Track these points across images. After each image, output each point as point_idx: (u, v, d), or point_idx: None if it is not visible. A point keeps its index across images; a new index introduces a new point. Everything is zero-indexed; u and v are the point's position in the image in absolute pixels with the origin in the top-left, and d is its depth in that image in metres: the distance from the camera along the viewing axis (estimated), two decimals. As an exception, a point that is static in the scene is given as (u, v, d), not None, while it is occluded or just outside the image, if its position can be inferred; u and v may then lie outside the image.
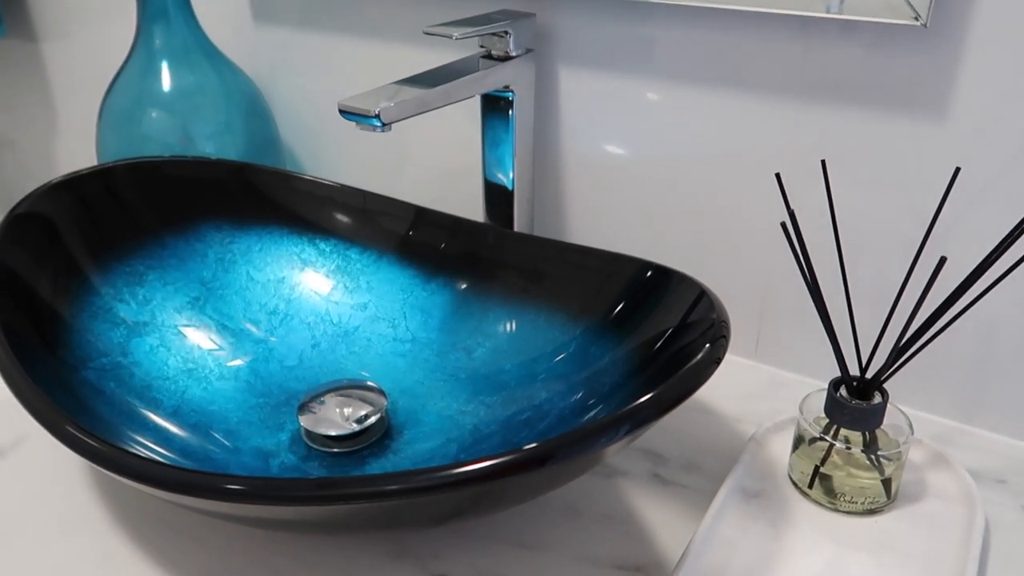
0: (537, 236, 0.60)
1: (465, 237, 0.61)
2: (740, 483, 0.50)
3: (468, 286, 0.61)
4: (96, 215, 0.59)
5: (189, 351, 0.58)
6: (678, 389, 0.37)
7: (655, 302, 0.49)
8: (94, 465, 0.39)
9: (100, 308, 0.56)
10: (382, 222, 0.64)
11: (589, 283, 0.54)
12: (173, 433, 0.50)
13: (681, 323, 0.45)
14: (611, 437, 0.37)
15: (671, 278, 0.48)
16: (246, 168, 0.66)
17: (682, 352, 0.41)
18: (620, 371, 0.47)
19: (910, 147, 0.52)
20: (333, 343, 0.62)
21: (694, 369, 0.38)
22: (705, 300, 0.44)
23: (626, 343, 0.49)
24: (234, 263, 0.64)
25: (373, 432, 0.54)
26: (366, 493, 0.34)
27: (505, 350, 0.57)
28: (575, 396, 0.50)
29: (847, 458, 0.48)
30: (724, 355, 0.39)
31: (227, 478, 0.36)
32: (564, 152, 0.66)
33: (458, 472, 0.35)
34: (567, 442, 0.36)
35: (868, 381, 0.47)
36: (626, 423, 0.37)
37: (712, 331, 0.41)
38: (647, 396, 0.37)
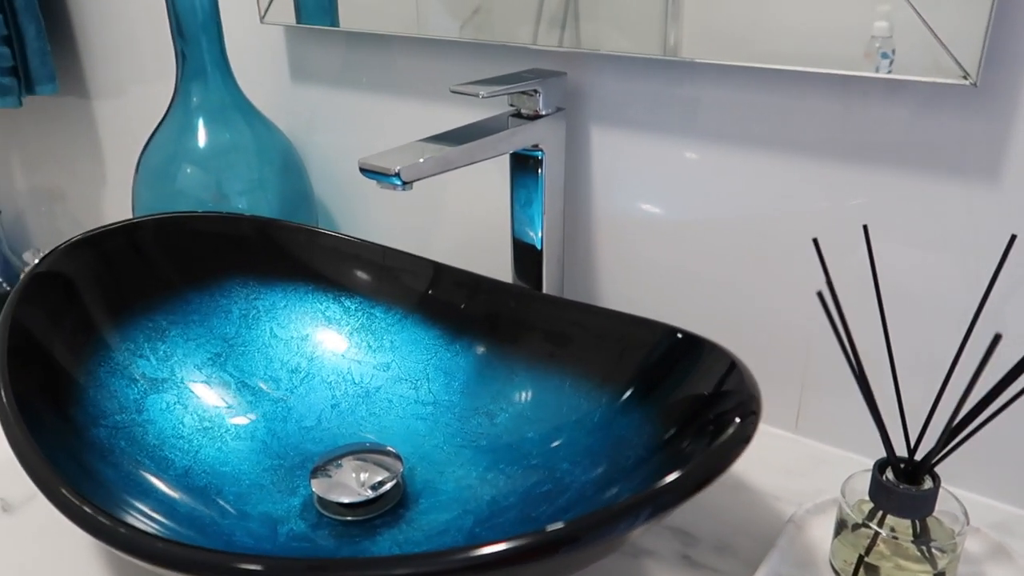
0: (562, 298, 0.58)
1: (489, 297, 0.59)
2: (776, 570, 0.46)
3: (493, 349, 0.59)
4: (118, 271, 0.59)
5: (206, 409, 0.57)
6: (704, 470, 0.34)
7: (683, 372, 0.46)
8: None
9: (119, 364, 0.56)
10: (408, 280, 0.63)
11: (615, 349, 0.52)
12: (179, 499, 0.49)
13: (710, 396, 0.42)
14: (631, 522, 0.34)
15: (701, 347, 0.46)
16: (272, 224, 0.65)
17: (710, 428, 0.38)
18: (645, 444, 0.44)
19: (961, 212, 0.49)
20: (353, 404, 0.60)
21: (722, 449, 0.35)
22: (736, 372, 0.41)
23: (652, 415, 0.46)
24: (258, 319, 0.63)
25: (388, 500, 0.52)
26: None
27: (528, 417, 0.55)
28: (597, 469, 0.47)
29: (895, 548, 0.44)
30: (754, 433, 0.36)
31: (203, 552, 0.34)
32: (595, 212, 0.64)
33: (460, 558, 0.32)
34: (584, 527, 0.33)
35: (917, 464, 0.43)
36: (647, 507, 0.34)
37: (742, 406, 0.38)
38: (671, 478, 0.34)
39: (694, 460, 0.34)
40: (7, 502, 0.55)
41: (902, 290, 0.52)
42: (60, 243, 0.56)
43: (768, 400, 0.61)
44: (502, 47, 0.63)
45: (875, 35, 0.46)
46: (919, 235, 0.51)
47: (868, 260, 0.45)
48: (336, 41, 0.74)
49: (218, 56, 0.71)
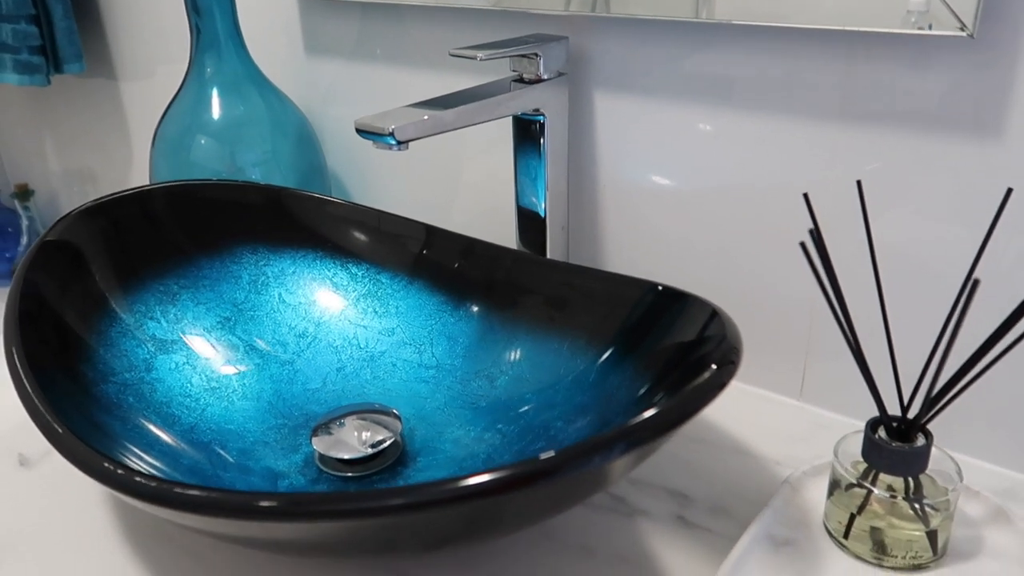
0: (559, 261, 0.58)
1: (490, 263, 0.60)
2: (768, 530, 0.46)
3: (495, 313, 0.59)
4: (129, 237, 0.60)
5: (214, 370, 0.59)
6: (676, 412, 0.34)
7: (668, 325, 0.46)
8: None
9: (129, 325, 0.57)
10: (413, 247, 0.64)
11: (606, 308, 0.52)
12: (183, 451, 0.50)
13: (692, 345, 0.42)
14: (606, 455, 0.34)
15: (685, 300, 0.46)
16: (282, 192, 0.66)
17: (690, 375, 0.38)
18: (632, 397, 0.44)
19: (959, 168, 0.48)
20: (358, 367, 0.61)
21: (696, 391, 0.35)
22: (717, 321, 0.41)
23: (639, 368, 0.46)
24: (267, 285, 0.64)
25: (386, 457, 0.53)
26: (334, 511, 0.33)
27: (527, 379, 0.55)
28: (590, 426, 0.47)
29: (889, 507, 0.44)
30: (730, 380, 0.36)
31: (193, 487, 0.35)
32: (600, 179, 0.64)
33: (444, 489, 0.33)
34: (561, 459, 0.33)
35: (910, 421, 0.43)
36: (621, 442, 0.34)
37: (722, 354, 0.38)
38: (645, 416, 0.34)
39: (669, 402, 0.35)
40: (24, 456, 0.57)
41: (900, 250, 0.51)
42: (70, 211, 0.58)
43: (773, 367, 0.61)
44: (522, 14, 0.63)
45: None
46: (918, 195, 0.50)
47: (865, 220, 0.44)
48: (350, 12, 0.75)
49: (231, 29, 0.72)
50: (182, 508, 0.36)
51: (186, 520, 0.39)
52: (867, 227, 0.43)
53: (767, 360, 0.60)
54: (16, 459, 0.57)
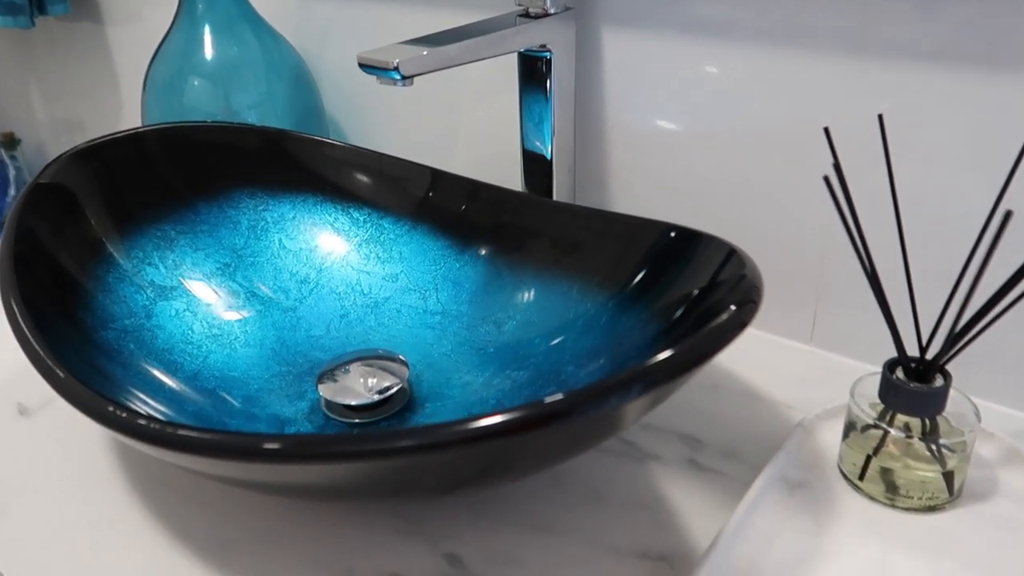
0: (567, 203, 0.56)
1: (495, 206, 0.58)
2: (782, 472, 0.46)
3: (501, 258, 0.58)
4: (123, 181, 0.59)
5: (215, 317, 0.57)
6: (696, 351, 0.33)
7: (682, 266, 0.45)
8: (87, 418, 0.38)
9: (127, 271, 0.56)
10: (417, 191, 0.62)
11: (617, 251, 0.51)
12: (188, 398, 0.49)
13: (709, 286, 0.41)
14: (622, 397, 0.33)
15: (699, 240, 0.44)
16: (280, 135, 0.64)
17: (708, 316, 0.37)
18: (645, 339, 0.44)
19: (977, 106, 0.47)
20: (362, 314, 0.60)
21: (716, 331, 0.34)
22: (735, 260, 0.40)
23: (653, 311, 0.45)
24: (267, 231, 0.63)
25: (394, 404, 0.52)
26: (343, 452, 0.32)
27: (535, 323, 0.54)
28: (601, 370, 0.46)
29: (904, 448, 0.44)
30: (751, 319, 0.35)
31: (200, 429, 0.34)
32: (608, 119, 0.62)
33: (458, 430, 0.32)
34: (576, 400, 0.32)
35: (928, 363, 0.42)
36: (638, 382, 0.33)
37: (742, 294, 0.37)
38: (662, 356, 0.33)
39: (687, 341, 0.34)
40: (24, 406, 0.56)
41: (922, 193, 0.50)
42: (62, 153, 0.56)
43: (783, 312, 0.60)
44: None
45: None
46: (940, 134, 0.49)
47: (885, 154, 0.43)
48: (344, -51, 0.72)
49: (223, -36, 0.69)
50: (190, 450, 0.35)
51: (192, 463, 0.38)
52: (888, 162, 0.42)
53: (777, 305, 0.59)
54: (15, 408, 0.56)
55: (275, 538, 0.45)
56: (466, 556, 0.43)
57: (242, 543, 0.44)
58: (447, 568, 0.42)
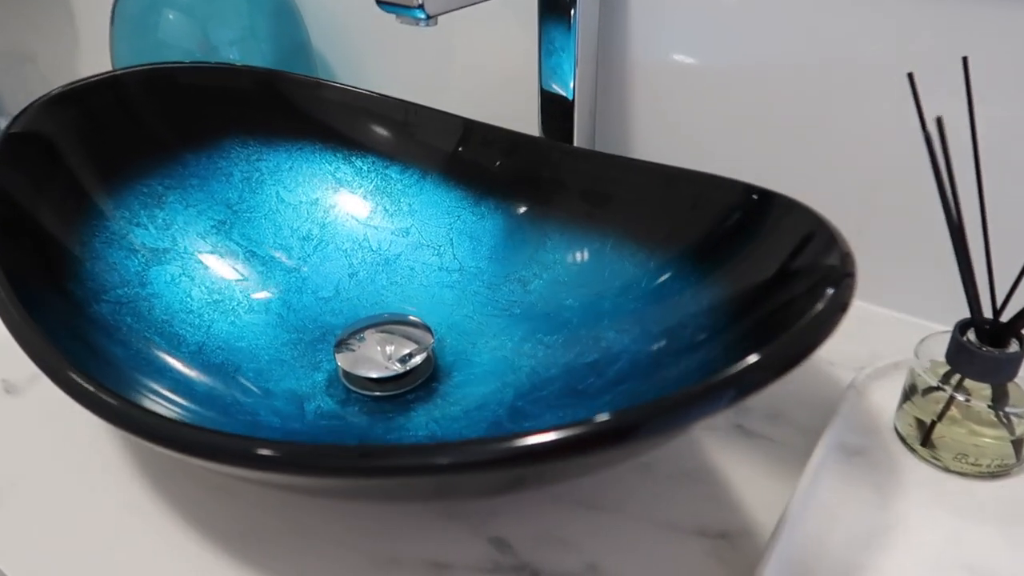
0: (602, 152, 0.52)
1: (520, 154, 0.54)
2: (840, 438, 0.44)
3: (523, 210, 0.54)
4: (105, 130, 0.53)
5: (214, 281, 0.53)
6: (796, 346, 0.30)
7: (753, 233, 0.41)
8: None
9: (115, 234, 0.51)
10: (426, 137, 0.57)
11: (667, 208, 0.47)
12: (195, 377, 0.45)
13: (791, 260, 0.37)
14: (711, 406, 0.29)
15: (773, 204, 0.41)
16: (273, 76, 0.58)
17: (794, 297, 0.34)
18: (706, 313, 0.40)
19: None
20: (372, 272, 0.56)
21: (816, 320, 0.30)
22: (823, 232, 0.36)
23: (715, 282, 0.41)
24: (262, 183, 0.58)
25: (419, 374, 0.48)
26: (415, 466, 0.28)
27: (565, 283, 0.51)
28: (650, 339, 0.43)
29: (966, 412, 0.42)
30: (851, 299, 0.32)
31: (253, 441, 0.30)
32: (632, 56, 0.57)
33: (520, 445, 0.28)
34: (654, 412, 0.29)
35: (1003, 326, 0.40)
36: (730, 389, 0.29)
37: (831, 269, 0.33)
38: (756, 357, 0.29)
39: (784, 335, 0.30)
40: (9, 383, 0.51)
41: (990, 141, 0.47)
42: (35, 99, 0.50)
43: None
44: None
45: None
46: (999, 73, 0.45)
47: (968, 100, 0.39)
48: None
49: None
50: (215, 458, 0.31)
51: (211, 467, 0.34)
52: (970, 107, 0.38)
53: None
54: (0, 387, 0.51)
55: (307, 527, 0.41)
56: (513, 539, 0.41)
57: (270, 533, 0.41)
58: (495, 553, 0.40)
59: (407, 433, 0.44)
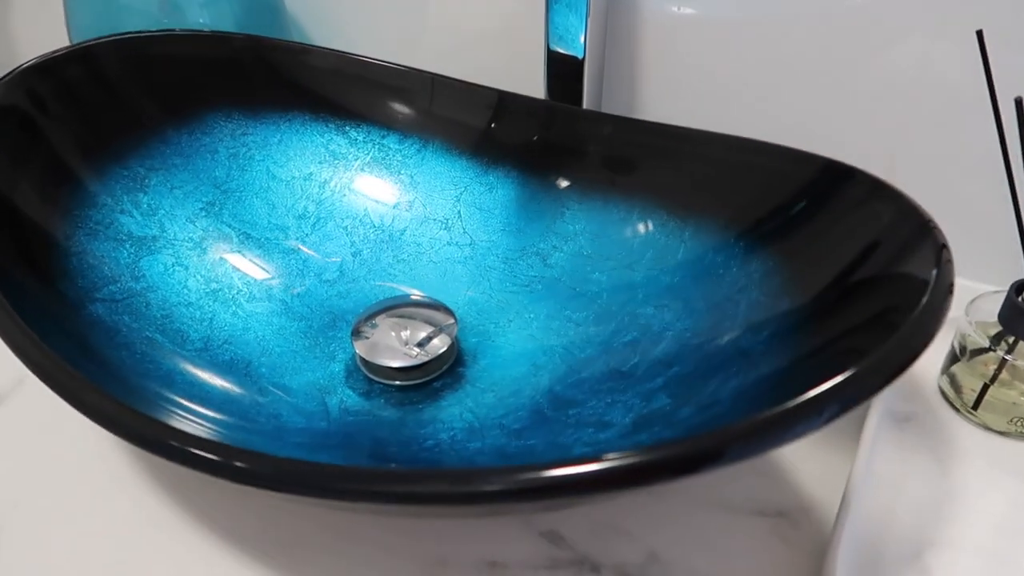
0: (629, 118, 0.49)
1: (531, 119, 0.51)
2: (888, 406, 0.42)
3: (536, 179, 0.51)
4: (78, 107, 0.48)
5: (210, 268, 0.49)
6: (910, 344, 0.27)
7: (820, 211, 0.38)
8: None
9: (99, 223, 0.46)
10: (425, 104, 0.53)
11: (709, 176, 0.44)
12: (208, 379, 0.42)
13: (871, 247, 0.34)
14: (808, 425, 0.26)
15: (849, 181, 0.37)
16: (255, 42, 0.54)
17: (882, 289, 0.32)
18: (762, 291, 0.38)
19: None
20: (377, 250, 0.52)
21: (927, 309, 0.28)
22: (910, 213, 0.33)
23: (769, 257, 0.39)
24: (251, 159, 0.53)
25: (443, 360, 0.46)
26: (469, 494, 0.25)
27: (589, 255, 0.48)
28: (696, 316, 0.41)
29: (1015, 372, 0.41)
30: (953, 280, 0.30)
31: (286, 462, 0.27)
32: (642, 9, 0.54)
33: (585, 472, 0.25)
34: (741, 435, 0.26)
35: (1059, 285, 0.39)
36: (833, 403, 0.26)
37: (922, 247, 0.31)
38: (868, 360, 0.26)
39: (899, 332, 0.27)
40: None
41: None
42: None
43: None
44: None
45: None
46: None
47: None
48: None
49: None
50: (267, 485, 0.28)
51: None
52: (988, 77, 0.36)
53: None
54: (-20, 396, 0.47)
55: (345, 531, 0.39)
56: (566, 531, 0.39)
57: (305, 539, 0.38)
58: (550, 548, 0.38)
59: (443, 425, 0.42)
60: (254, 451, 0.27)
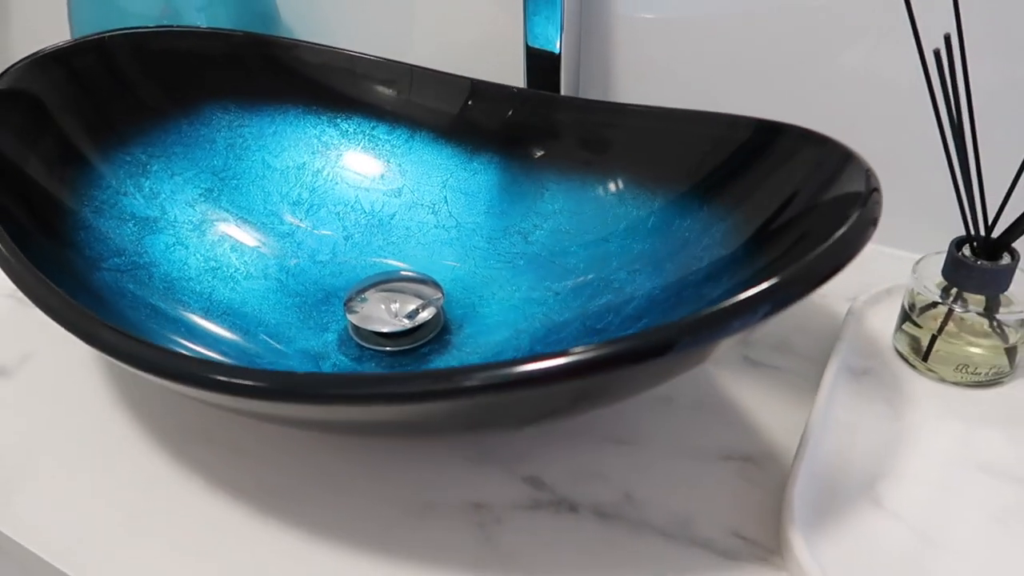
0: (595, 100, 0.53)
1: (512, 107, 0.54)
2: (846, 361, 0.46)
3: (517, 163, 0.54)
4: (88, 94, 0.51)
5: (210, 248, 0.52)
6: (830, 259, 0.31)
7: (761, 164, 0.42)
8: (142, 373, 0.33)
9: (104, 202, 0.49)
10: (411, 95, 0.57)
11: (669, 148, 0.48)
12: (212, 332, 0.44)
13: (809, 185, 0.38)
14: (747, 320, 0.30)
15: (782, 135, 0.42)
16: (252, 39, 0.57)
17: (820, 217, 0.35)
18: (723, 246, 0.41)
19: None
20: (367, 234, 0.55)
21: (849, 234, 0.31)
22: (835, 154, 0.37)
23: (727, 214, 0.42)
24: (247, 149, 0.56)
25: (430, 328, 0.48)
26: (456, 389, 0.28)
27: (568, 231, 0.51)
28: (665, 275, 0.44)
29: (961, 325, 0.44)
30: (879, 214, 0.33)
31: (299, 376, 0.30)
32: (614, 9, 0.58)
33: (564, 363, 0.28)
34: (688, 328, 0.29)
35: (996, 241, 0.42)
36: (766, 303, 0.30)
37: (857, 189, 0.35)
38: (792, 268, 0.31)
39: (821, 248, 0.31)
40: (1, 366, 0.49)
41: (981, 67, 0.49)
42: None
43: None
44: None
45: None
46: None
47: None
48: None
49: None
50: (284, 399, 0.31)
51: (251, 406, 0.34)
52: (959, 27, 0.40)
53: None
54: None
55: (334, 480, 0.41)
56: (547, 477, 0.41)
57: (297, 491, 0.41)
58: (532, 491, 0.41)
59: (430, 383, 0.44)
60: (260, 369, 0.30)
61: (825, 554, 0.35)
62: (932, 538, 0.36)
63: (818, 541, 0.36)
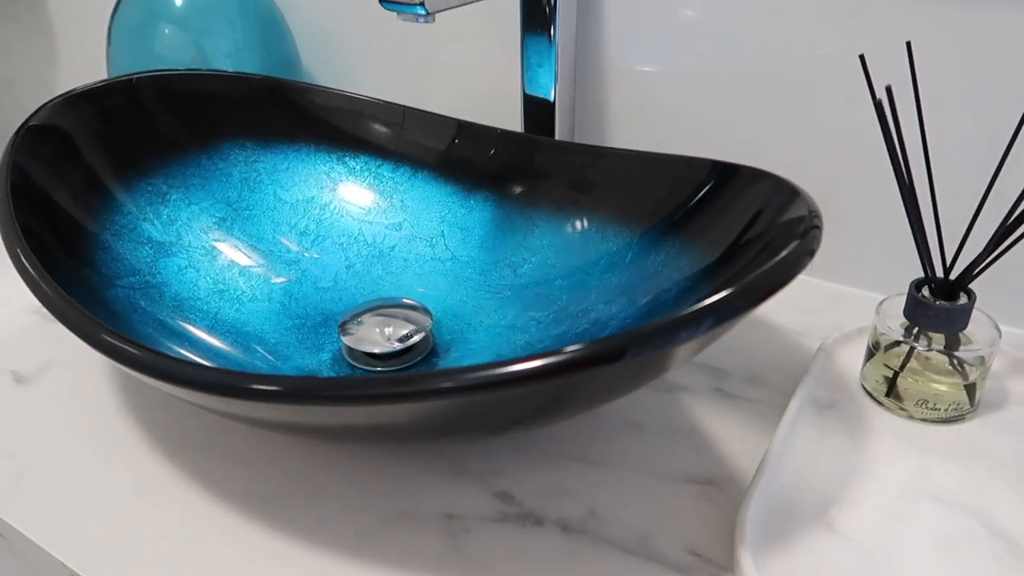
0: (581, 144, 0.56)
1: (507, 149, 0.58)
2: (812, 394, 0.47)
3: (510, 201, 0.58)
4: (115, 129, 0.55)
5: (219, 272, 0.55)
6: (767, 281, 0.33)
7: (721, 201, 0.45)
8: (146, 378, 0.36)
9: (124, 227, 0.53)
10: (415, 137, 0.61)
11: (646, 188, 0.51)
12: (213, 345, 0.48)
13: (756, 218, 0.41)
14: (692, 332, 0.33)
15: (740, 175, 0.45)
16: (271, 82, 0.62)
17: (765, 249, 0.38)
18: (687, 276, 0.44)
19: (1000, 31, 0.48)
20: (368, 264, 0.59)
21: (786, 261, 0.34)
22: (782, 190, 0.40)
23: (691, 247, 0.45)
24: (260, 183, 0.60)
25: (418, 351, 0.51)
26: (424, 391, 0.31)
27: (554, 265, 0.54)
28: (637, 306, 0.47)
29: (925, 364, 0.46)
30: (817, 247, 0.36)
31: (285, 379, 0.33)
32: (607, 58, 0.62)
33: (524, 368, 0.31)
34: (639, 338, 0.32)
35: (953, 282, 0.44)
36: (708, 317, 0.33)
37: (800, 222, 0.37)
38: (731, 289, 0.33)
39: (757, 272, 0.34)
40: (19, 373, 0.53)
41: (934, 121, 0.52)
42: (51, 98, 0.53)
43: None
44: None
45: None
46: (942, 61, 0.50)
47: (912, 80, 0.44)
48: None
49: (190, -99, 0.66)
50: (262, 399, 0.34)
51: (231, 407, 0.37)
52: (915, 85, 0.43)
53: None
54: (10, 377, 0.53)
55: (318, 489, 0.44)
56: (517, 492, 0.43)
57: (286, 496, 0.43)
58: (501, 505, 0.43)
59: (413, 401, 0.47)
60: (261, 374, 0.33)
61: (773, 571, 0.37)
62: (879, 560, 0.37)
63: (768, 560, 0.37)
